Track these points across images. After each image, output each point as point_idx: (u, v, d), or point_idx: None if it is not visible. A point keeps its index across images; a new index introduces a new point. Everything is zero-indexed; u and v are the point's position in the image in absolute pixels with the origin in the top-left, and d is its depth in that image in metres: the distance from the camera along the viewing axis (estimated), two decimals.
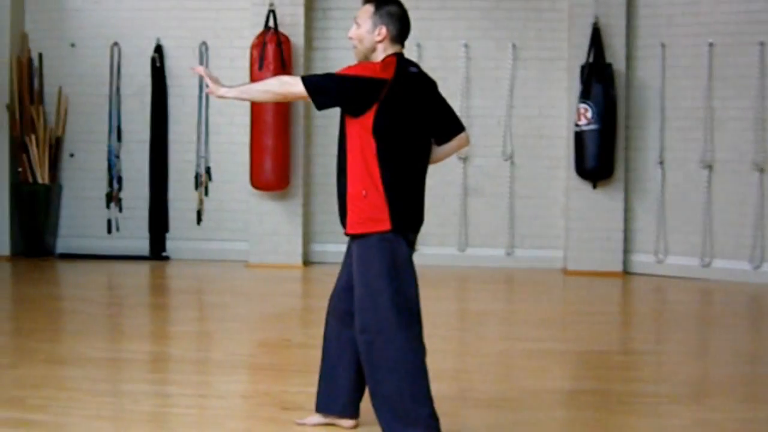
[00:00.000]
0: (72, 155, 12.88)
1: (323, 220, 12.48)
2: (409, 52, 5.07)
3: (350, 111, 5.24)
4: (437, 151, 5.60)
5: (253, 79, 11.45)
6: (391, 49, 5.36)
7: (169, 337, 8.67)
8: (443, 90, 5.65)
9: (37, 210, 12.57)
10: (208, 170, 12.60)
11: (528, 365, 7.52)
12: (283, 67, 11.52)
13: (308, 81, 5.25)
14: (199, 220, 12.62)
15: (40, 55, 12.88)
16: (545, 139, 12.38)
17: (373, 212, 5.22)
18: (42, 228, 12.63)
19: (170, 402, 6.32)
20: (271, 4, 11.86)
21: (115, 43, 12.75)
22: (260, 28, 11.87)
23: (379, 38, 5.32)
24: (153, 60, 12.63)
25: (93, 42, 12.78)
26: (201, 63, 12.47)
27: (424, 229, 5.50)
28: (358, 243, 5.31)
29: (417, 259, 5.41)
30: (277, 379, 7.02)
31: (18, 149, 12.56)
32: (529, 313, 9.89)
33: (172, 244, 12.75)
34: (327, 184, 12.33)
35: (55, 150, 12.72)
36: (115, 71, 12.78)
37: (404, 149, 5.27)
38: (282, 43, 11.68)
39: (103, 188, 12.77)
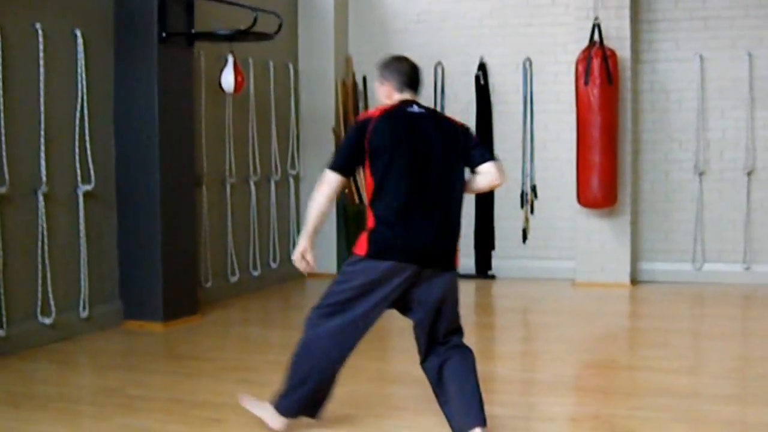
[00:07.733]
0: None
1: (652, 237, 12.16)
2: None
3: (361, 162, 5.57)
4: (471, 183, 5.88)
5: (579, 94, 11.32)
6: (399, 98, 5.72)
7: (496, 357, 8.56)
8: None
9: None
10: (533, 188, 12.46)
11: None
12: (610, 81, 11.24)
13: (332, 163, 5.58)
14: (524, 238, 12.51)
15: (364, 78, 13.11)
16: None
17: None
18: None
19: (497, 423, 6.16)
20: (596, 18, 11.58)
21: (439, 62, 12.82)
22: (585, 43, 11.60)
23: (385, 91, 5.77)
24: (477, 78, 12.61)
25: (416, 62, 12.82)
26: (524, 79, 12.42)
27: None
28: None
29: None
30: (606, 401, 6.78)
31: None
32: None
33: (497, 263, 12.68)
34: (655, 201, 12.06)
35: None
36: (439, 90, 12.84)
37: (398, 179, 5.47)
38: (608, 57, 11.37)
39: None
